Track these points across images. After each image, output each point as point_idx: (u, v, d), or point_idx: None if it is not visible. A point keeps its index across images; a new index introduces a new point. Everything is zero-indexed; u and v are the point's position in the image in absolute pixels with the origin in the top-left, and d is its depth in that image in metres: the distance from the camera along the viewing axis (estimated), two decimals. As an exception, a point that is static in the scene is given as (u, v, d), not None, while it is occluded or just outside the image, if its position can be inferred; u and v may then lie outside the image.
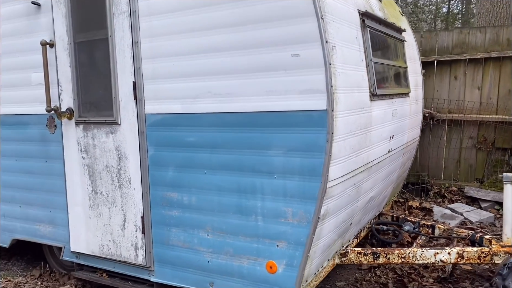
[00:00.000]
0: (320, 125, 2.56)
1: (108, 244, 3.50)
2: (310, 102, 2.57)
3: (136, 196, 3.31)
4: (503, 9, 6.23)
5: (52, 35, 3.58)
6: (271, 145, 2.74)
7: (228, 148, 2.90)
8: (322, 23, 2.51)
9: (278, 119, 2.69)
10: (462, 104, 5.92)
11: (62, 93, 3.58)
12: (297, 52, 2.58)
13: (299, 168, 2.66)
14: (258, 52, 2.70)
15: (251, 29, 2.70)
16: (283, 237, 2.77)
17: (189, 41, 2.95)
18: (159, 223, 3.26)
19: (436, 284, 3.72)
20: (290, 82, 2.62)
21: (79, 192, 3.60)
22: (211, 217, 3.03)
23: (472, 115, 5.86)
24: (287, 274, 2.78)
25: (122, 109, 3.29)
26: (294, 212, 2.71)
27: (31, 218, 4.00)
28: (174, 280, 3.26)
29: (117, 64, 3.26)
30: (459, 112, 5.94)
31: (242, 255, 2.94)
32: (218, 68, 2.85)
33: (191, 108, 3.01)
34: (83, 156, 3.54)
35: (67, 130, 3.60)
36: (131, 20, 3.15)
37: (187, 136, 3.05)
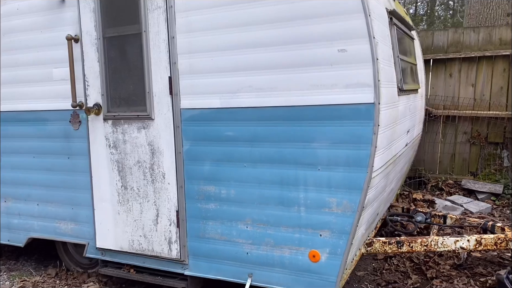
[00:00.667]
0: (367, 118, 2.66)
1: (139, 239, 3.51)
2: (358, 96, 2.67)
3: (170, 190, 3.33)
4: (493, 10, 6.54)
5: (78, 30, 3.55)
6: (315, 138, 2.82)
7: (270, 141, 2.97)
8: (369, 20, 2.61)
9: (323, 113, 2.78)
10: (457, 100, 6.18)
11: (89, 89, 3.56)
12: (344, 47, 2.68)
13: (344, 159, 2.76)
14: (304, 47, 2.78)
15: (296, 25, 2.78)
16: (327, 226, 2.87)
17: (230, 37, 2.99)
18: (194, 217, 3.29)
19: (453, 270, 3.90)
20: (336, 77, 2.72)
21: (106, 188, 3.58)
22: (251, 209, 3.09)
23: (466, 111, 6.13)
24: (330, 262, 2.88)
25: (156, 104, 3.30)
26: (339, 202, 2.81)
27: (50, 216, 3.95)
28: (210, 272, 3.30)
29: (151, 59, 3.27)
30: (454, 108, 6.20)
31: (283, 246, 3.02)
32: (260, 63, 2.92)
33: (230, 103, 3.06)
34: (112, 152, 3.52)
35: (94, 126, 3.58)
36: (167, 15, 3.17)
37: (226, 130, 3.10)
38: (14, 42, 3.89)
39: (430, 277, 3.83)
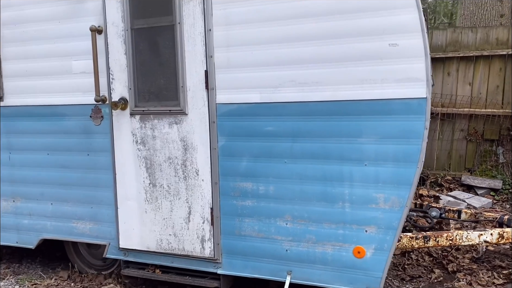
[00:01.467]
0: (419, 113, 2.67)
1: (168, 238, 3.40)
2: (409, 91, 2.67)
3: (204, 187, 3.24)
4: (487, 11, 6.73)
5: (101, 20, 3.40)
6: (362, 133, 2.81)
7: (313, 136, 2.93)
8: (421, 15, 2.62)
9: (371, 107, 2.77)
10: (454, 98, 6.33)
11: (114, 82, 3.41)
12: (395, 41, 2.67)
13: (393, 154, 2.75)
14: (352, 41, 2.76)
15: (345, 18, 2.75)
16: (373, 222, 2.86)
17: (272, 30, 2.94)
18: (229, 214, 3.22)
19: (473, 264, 3.98)
20: (387, 71, 2.71)
21: (132, 186, 3.45)
22: (291, 206, 3.05)
23: (463, 109, 6.28)
24: (376, 258, 2.87)
25: (190, 99, 3.20)
26: (387, 198, 2.80)
27: (66, 216, 3.77)
28: (245, 271, 3.23)
29: (185, 52, 3.17)
30: (452, 106, 6.34)
31: (326, 242, 2.99)
32: (305, 57, 2.88)
33: (271, 97, 3.00)
34: (139, 148, 3.40)
35: (119, 121, 3.44)
36: (203, 6, 3.08)
37: (266, 125, 3.04)
38: (27, 32, 3.68)
39: (451, 271, 3.89)
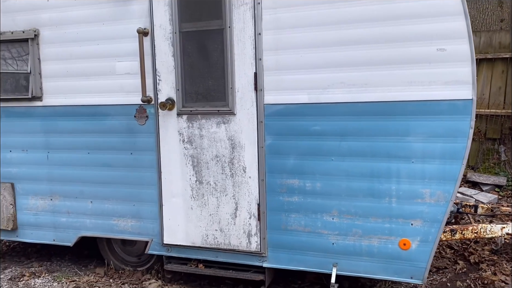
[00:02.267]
0: (465, 113, 2.87)
1: (214, 234, 3.52)
2: (456, 93, 2.87)
3: (251, 184, 3.38)
4: (488, 16, 7.03)
5: (148, 23, 3.50)
6: (410, 132, 2.99)
7: (361, 135, 3.10)
8: (469, 22, 2.81)
9: (419, 108, 2.95)
10: (459, 99, 6.59)
11: (161, 83, 3.52)
12: (443, 47, 2.86)
13: (440, 152, 2.94)
14: (401, 45, 2.94)
15: (394, 24, 2.93)
16: (419, 216, 3.04)
17: (321, 34, 3.09)
18: (275, 209, 3.36)
19: (493, 255, 4.22)
20: (434, 74, 2.90)
21: (178, 183, 3.56)
22: (338, 201, 3.21)
23: (467, 109, 6.55)
24: (421, 250, 3.06)
25: (239, 100, 3.33)
26: (432, 193, 2.99)
27: (107, 213, 3.86)
28: (290, 264, 3.38)
29: (234, 55, 3.30)
30: (456, 106, 6.60)
31: (372, 235, 3.16)
32: (354, 60, 3.04)
33: (320, 98, 3.16)
34: (186, 147, 3.51)
35: (165, 121, 3.54)
36: (254, 12, 3.21)
37: (313, 125, 3.20)
38: (69, 34, 3.75)
39: (474, 262, 4.12)
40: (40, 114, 3.94)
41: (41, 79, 3.89)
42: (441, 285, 3.79)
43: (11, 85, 4.00)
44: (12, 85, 4.00)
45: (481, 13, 7.10)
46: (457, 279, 3.86)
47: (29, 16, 3.85)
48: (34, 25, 3.84)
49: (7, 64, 3.99)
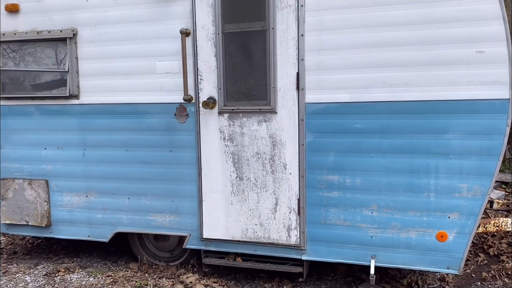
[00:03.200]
0: (502, 112, 3.04)
1: (254, 228, 3.64)
2: (494, 92, 3.04)
3: (292, 180, 3.51)
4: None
5: (190, 24, 3.60)
6: (449, 129, 3.15)
7: (401, 132, 3.25)
8: (507, 26, 2.99)
9: (458, 107, 3.12)
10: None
11: (202, 83, 3.62)
12: (482, 49, 3.03)
13: (478, 148, 3.11)
14: (442, 47, 3.10)
15: (435, 27, 3.09)
16: (456, 209, 3.21)
17: (363, 36, 3.24)
18: (315, 204, 3.50)
19: (510, 248, 4.43)
20: (473, 75, 3.06)
21: (218, 179, 3.67)
22: (377, 196, 3.36)
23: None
24: (458, 241, 3.23)
25: (280, 99, 3.46)
26: (469, 187, 3.16)
27: (144, 209, 3.95)
28: (329, 256, 3.52)
29: (277, 55, 3.42)
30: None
31: (410, 228, 3.32)
32: (396, 61, 3.19)
33: (361, 97, 3.30)
34: (227, 144, 3.62)
35: (206, 119, 3.65)
36: (297, 13, 3.34)
37: (354, 123, 3.34)
38: (108, 33, 3.83)
39: (493, 255, 4.32)
40: (77, 112, 4.01)
41: (78, 77, 3.95)
42: (466, 277, 3.98)
43: (47, 83, 4.06)
44: (48, 84, 4.05)
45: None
46: (481, 270, 4.05)
47: (67, 16, 3.91)
48: (72, 24, 3.91)
49: (43, 63, 4.05)
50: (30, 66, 4.08)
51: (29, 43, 4.05)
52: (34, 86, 4.11)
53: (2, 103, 4.21)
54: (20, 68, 4.11)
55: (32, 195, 4.22)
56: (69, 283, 3.94)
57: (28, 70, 4.09)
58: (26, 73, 4.11)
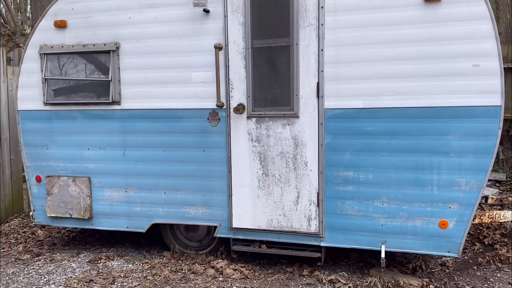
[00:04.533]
0: (495, 117, 3.56)
1: (278, 218, 4.14)
2: (488, 100, 3.56)
3: (312, 176, 4.02)
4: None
5: (222, 39, 4.11)
6: (449, 131, 3.67)
7: (408, 134, 3.76)
8: (499, 44, 3.51)
9: (458, 112, 3.63)
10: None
11: (233, 91, 4.13)
12: (478, 63, 3.55)
13: (474, 148, 3.63)
14: (444, 61, 3.62)
15: (438, 44, 3.61)
16: (456, 200, 3.72)
17: (376, 51, 3.75)
18: (332, 197, 4.01)
19: (504, 237, 4.95)
20: (470, 85, 3.58)
21: (246, 176, 4.18)
22: (388, 190, 3.87)
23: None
24: (457, 228, 3.74)
25: (302, 105, 3.97)
26: (467, 181, 3.68)
27: (179, 203, 4.44)
28: (345, 243, 4.03)
29: (300, 68, 3.93)
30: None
31: (416, 217, 3.83)
32: (404, 73, 3.71)
33: (373, 103, 3.81)
34: (254, 145, 4.13)
35: (236, 123, 4.15)
36: (318, 31, 3.86)
37: (367, 126, 3.85)
38: (148, 47, 4.32)
39: (488, 244, 4.84)
40: (118, 116, 4.50)
41: (120, 86, 4.45)
42: (464, 262, 4.49)
43: (91, 91, 4.56)
44: (92, 91, 4.55)
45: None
46: (477, 257, 4.57)
47: (110, 31, 4.41)
48: (115, 38, 4.41)
49: (87, 73, 4.54)
50: (75, 76, 4.58)
51: (75, 55, 4.55)
52: (78, 93, 4.60)
53: (49, 109, 4.70)
54: (66, 77, 4.60)
55: (75, 191, 4.71)
56: (112, 269, 4.42)
57: (73, 79, 4.59)
58: (71, 81, 4.61)
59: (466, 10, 3.54)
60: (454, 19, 3.57)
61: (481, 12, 3.52)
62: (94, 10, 4.44)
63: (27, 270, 4.47)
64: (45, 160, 4.77)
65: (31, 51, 4.67)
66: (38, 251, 5.05)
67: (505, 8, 7.74)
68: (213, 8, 4.11)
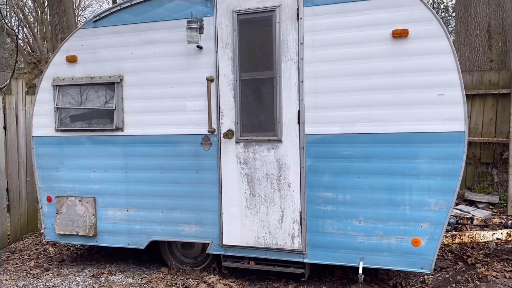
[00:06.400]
0: (460, 142, 3.86)
1: (264, 236, 4.47)
2: (453, 126, 3.87)
3: (294, 196, 4.35)
4: (479, 57, 8.13)
5: (213, 72, 4.53)
6: (418, 155, 3.98)
7: (381, 158, 4.08)
8: (461, 75, 3.85)
9: (425, 138, 3.95)
10: (456, 129, 7.62)
11: (223, 118, 4.53)
12: (442, 93, 3.88)
13: (441, 171, 3.92)
14: (411, 91, 3.95)
15: (406, 76, 3.96)
16: (427, 220, 4.00)
17: (350, 82, 4.12)
18: (313, 216, 4.32)
19: (487, 258, 5.14)
20: (436, 113, 3.91)
21: (235, 196, 4.53)
22: (364, 209, 4.17)
23: (464, 137, 7.56)
24: (429, 246, 4.00)
25: (285, 131, 4.34)
26: (436, 202, 3.96)
27: (174, 221, 4.80)
28: (326, 259, 4.31)
29: (282, 97, 4.32)
30: (454, 135, 7.62)
31: (390, 235, 4.11)
32: (376, 102, 4.05)
33: (349, 130, 4.16)
34: (242, 167, 4.49)
35: (226, 147, 4.54)
36: (298, 65, 4.25)
37: (344, 150, 4.19)
38: (148, 79, 4.78)
39: (471, 263, 5.05)
40: (121, 141, 4.94)
41: (123, 114, 4.90)
42: (444, 280, 4.71)
43: (97, 118, 5.02)
44: (98, 119, 5.01)
45: (474, 54, 8.21)
46: (457, 275, 4.78)
47: (115, 65, 4.89)
48: (119, 71, 4.88)
49: (94, 102, 5.02)
50: (83, 105, 5.06)
51: (83, 86, 5.04)
52: (86, 120, 5.07)
53: (60, 135, 5.17)
54: (75, 106, 5.08)
55: (82, 210, 5.12)
56: (112, 283, 4.78)
57: (81, 108, 5.06)
58: (80, 110, 5.08)
59: (430, 45, 3.89)
60: (420, 53, 3.92)
61: (444, 47, 3.87)
62: (101, 46, 4.94)
63: (36, 283, 4.86)
64: (55, 181, 5.22)
65: (45, 83, 5.19)
66: (48, 266, 5.45)
67: (497, 37, 8.04)
68: (205, 45, 4.55)
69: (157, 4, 4.71)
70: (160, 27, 4.71)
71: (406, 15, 3.94)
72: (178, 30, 4.62)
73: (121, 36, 4.85)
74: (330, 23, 4.15)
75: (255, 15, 4.37)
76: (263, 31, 4.37)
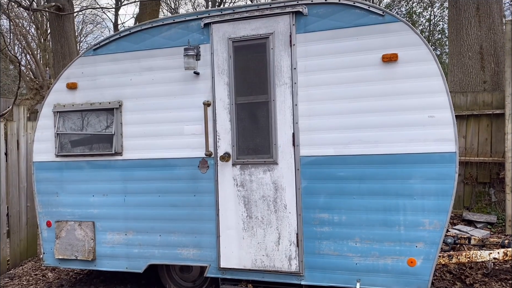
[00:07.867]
0: (451, 162, 3.93)
1: (261, 258, 4.50)
2: (444, 147, 3.95)
3: (291, 218, 4.40)
4: (472, 78, 8.27)
5: (210, 97, 4.65)
6: (412, 176, 4.05)
7: (375, 179, 4.15)
8: (450, 98, 3.95)
9: (418, 158, 4.02)
10: (452, 149, 7.69)
11: (220, 141, 4.62)
12: (433, 114, 3.98)
13: (434, 191, 3.99)
14: (403, 113, 4.05)
15: (396, 98, 4.06)
16: (422, 240, 4.04)
17: (343, 105, 4.22)
18: (310, 238, 4.36)
19: (485, 277, 5.15)
20: (427, 134, 3.99)
21: (232, 218, 4.58)
22: (360, 230, 4.22)
23: (460, 157, 7.63)
24: (424, 266, 4.03)
25: (281, 153, 4.42)
26: (431, 222, 4.01)
27: (172, 244, 4.84)
28: (323, 281, 4.34)
29: (277, 120, 4.42)
30: (450, 155, 7.69)
31: (386, 256, 4.14)
32: (368, 124, 4.15)
33: (343, 151, 4.24)
34: (239, 189, 4.56)
35: (222, 170, 4.61)
36: (292, 89, 4.37)
37: (338, 171, 4.26)
38: (146, 105, 4.89)
39: (469, 283, 5.05)
40: (120, 166, 5.02)
41: (122, 138, 5.00)
42: (442, 300, 4.71)
43: (96, 143, 5.11)
44: (97, 143, 5.10)
45: (467, 76, 8.35)
46: (455, 295, 4.79)
47: (114, 91, 5.01)
48: (118, 97, 5.00)
49: (93, 127, 5.12)
50: (83, 130, 5.16)
51: (84, 112, 5.15)
52: (85, 145, 5.16)
53: (59, 160, 5.25)
54: (75, 132, 5.18)
55: (81, 234, 5.16)
56: (111, 307, 4.79)
57: (81, 133, 5.16)
58: (79, 135, 5.18)
59: (419, 68, 4.01)
60: (409, 77, 4.04)
61: (433, 70, 3.98)
62: (101, 73, 5.07)
63: (34, 308, 4.87)
64: (55, 206, 5.28)
65: (46, 110, 5.30)
66: (47, 291, 5.46)
67: (490, 58, 8.19)
68: (202, 71, 4.68)
69: (155, 32, 4.86)
70: (158, 54, 4.84)
71: (395, 40, 4.07)
72: (176, 57, 4.76)
73: (120, 63, 4.98)
74: (322, 48, 4.28)
75: (250, 42, 4.51)
76: (258, 57, 4.50)
